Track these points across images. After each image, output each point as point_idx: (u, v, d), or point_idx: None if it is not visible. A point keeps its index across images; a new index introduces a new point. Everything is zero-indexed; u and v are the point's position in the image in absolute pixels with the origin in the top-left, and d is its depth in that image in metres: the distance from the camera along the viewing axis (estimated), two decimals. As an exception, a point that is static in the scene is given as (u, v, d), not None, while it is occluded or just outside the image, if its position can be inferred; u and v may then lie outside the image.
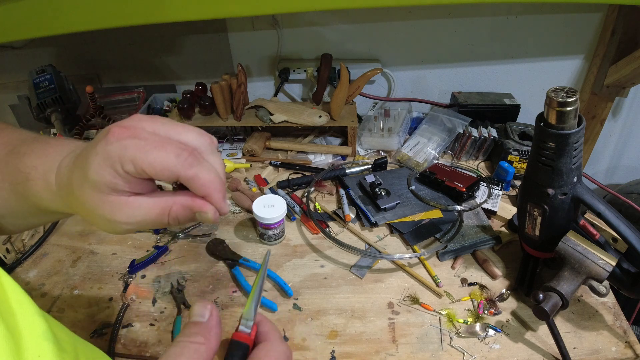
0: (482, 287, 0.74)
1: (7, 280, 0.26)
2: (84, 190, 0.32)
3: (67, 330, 0.32)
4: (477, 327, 0.67)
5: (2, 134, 0.41)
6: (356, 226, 0.87)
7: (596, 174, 1.44)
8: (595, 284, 0.65)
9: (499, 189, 0.93)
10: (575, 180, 0.61)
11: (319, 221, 0.85)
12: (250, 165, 1.05)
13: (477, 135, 1.03)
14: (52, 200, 0.36)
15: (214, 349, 0.31)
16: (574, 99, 0.53)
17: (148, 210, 0.33)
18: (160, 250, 0.80)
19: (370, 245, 0.82)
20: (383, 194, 0.88)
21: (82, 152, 0.33)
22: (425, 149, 1.03)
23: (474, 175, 0.94)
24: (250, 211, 0.84)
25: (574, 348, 0.64)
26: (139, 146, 0.30)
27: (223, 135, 1.16)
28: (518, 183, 0.96)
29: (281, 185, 0.97)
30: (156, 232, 0.85)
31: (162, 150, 0.31)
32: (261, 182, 0.99)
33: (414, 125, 1.13)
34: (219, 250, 0.80)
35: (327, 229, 0.86)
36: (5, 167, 0.37)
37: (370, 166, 1.00)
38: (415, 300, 0.71)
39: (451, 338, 0.66)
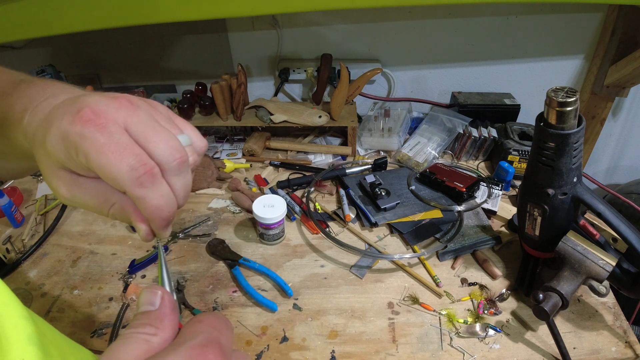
0: (482, 287, 0.73)
1: None
2: (40, 151, 0.31)
3: (58, 333, 0.31)
4: (477, 327, 0.67)
5: None
6: (356, 226, 0.87)
7: (596, 174, 1.44)
8: (595, 284, 0.65)
9: (499, 189, 0.93)
10: (575, 180, 0.61)
11: (319, 221, 0.85)
12: (250, 165, 1.05)
13: (477, 135, 1.03)
14: (24, 140, 0.34)
15: (169, 340, 0.27)
16: (574, 99, 0.53)
17: (91, 197, 0.31)
18: (160, 250, 0.80)
19: (370, 245, 0.82)
20: (383, 194, 0.88)
21: (54, 110, 0.30)
22: (425, 149, 1.03)
23: (474, 175, 0.94)
24: (250, 211, 0.84)
25: (574, 348, 0.64)
26: (97, 143, 0.28)
27: (223, 135, 1.16)
28: (518, 183, 0.96)
29: (281, 185, 0.97)
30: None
31: (117, 159, 0.28)
32: (261, 182, 0.99)
33: (414, 125, 1.13)
34: (219, 250, 0.80)
35: (327, 229, 0.86)
36: None
37: (370, 166, 1.00)
38: (415, 300, 0.71)
39: (451, 338, 0.66)
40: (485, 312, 0.69)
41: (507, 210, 0.88)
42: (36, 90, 0.34)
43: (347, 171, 0.99)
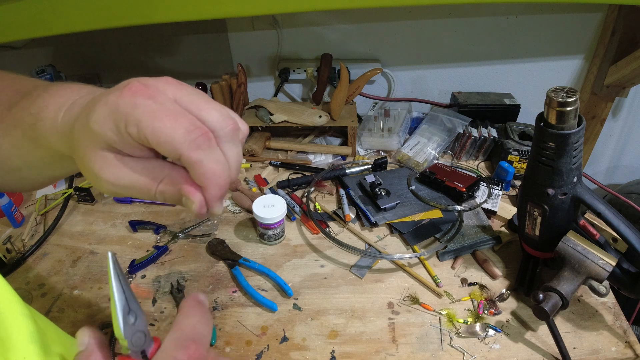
0: (482, 287, 0.73)
1: None
2: (81, 136, 0.30)
3: (60, 331, 0.31)
4: (477, 327, 0.67)
5: (16, 81, 0.39)
6: (356, 226, 0.87)
7: (596, 174, 1.44)
8: (595, 284, 0.65)
9: (499, 189, 0.93)
10: (575, 180, 0.61)
11: (319, 221, 0.85)
12: (250, 165, 1.05)
13: (477, 135, 1.03)
14: (58, 140, 0.33)
15: None
16: (574, 99, 0.53)
17: (137, 177, 0.30)
18: (160, 250, 0.80)
19: (370, 245, 0.82)
20: (383, 194, 0.88)
21: (97, 96, 0.30)
22: (425, 149, 1.03)
23: (474, 175, 0.94)
24: (250, 211, 0.84)
25: (574, 348, 0.64)
26: (150, 109, 0.27)
27: (223, 135, 1.16)
28: (518, 183, 0.96)
29: (281, 185, 0.97)
30: (156, 232, 0.85)
31: (172, 121, 0.27)
32: (261, 182, 0.99)
33: (414, 125, 1.13)
34: (219, 250, 0.80)
35: (327, 229, 0.86)
36: (18, 113, 0.35)
37: (370, 166, 1.00)
38: (415, 300, 0.71)
39: (451, 338, 0.66)
40: (485, 312, 0.69)
41: (507, 210, 0.88)
42: (71, 90, 0.34)
43: (347, 171, 0.99)
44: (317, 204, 0.92)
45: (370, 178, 0.93)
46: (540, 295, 0.60)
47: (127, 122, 0.27)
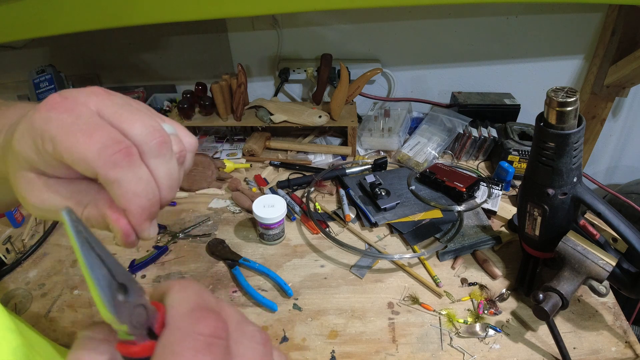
0: (482, 287, 0.73)
1: None
2: (8, 156, 0.27)
3: (48, 343, 0.30)
4: (477, 327, 0.67)
5: None
6: (356, 226, 0.87)
7: (596, 174, 1.44)
8: (595, 284, 0.65)
9: (499, 189, 0.93)
10: (575, 180, 0.61)
11: (319, 221, 0.85)
12: (250, 165, 1.05)
13: (477, 135, 1.03)
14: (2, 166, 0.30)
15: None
16: (574, 99, 0.53)
17: (61, 201, 0.27)
18: (160, 251, 0.80)
19: (370, 245, 0.82)
20: (383, 194, 0.88)
21: (27, 114, 0.27)
22: (425, 149, 1.03)
23: (474, 175, 0.94)
24: (250, 211, 0.84)
25: (574, 348, 0.64)
26: (65, 125, 0.24)
27: (223, 135, 1.16)
28: (518, 183, 0.96)
29: (281, 185, 0.97)
30: (156, 232, 0.85)
31: (86, 136, 0.24)
32: (261, 182, 0.99)
33: (414, 125, 1.13)
34: (219, 250, 0.80)
35: (327, 229, 0.86)
36: None
37: (370, 166, 1.00)
38: (415, 300, 0.71)
39: (451, 338, 0.66)
40: (485, 312, 0.69)
41: (507, 210, 0.88)
42: (14, 111, 0.31)
43: (347, 171, 0.99)
44: (317, 204, 0.92)
45: (370, 178, 0.93)
46: (540, 295, 0.60)
47: (42, 138, 0.25)
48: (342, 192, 0.93)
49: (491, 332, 0.66)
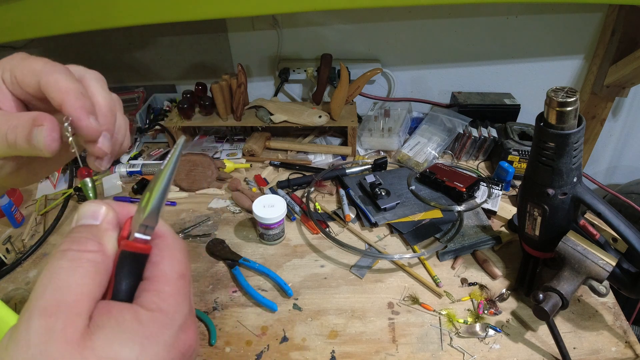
0: (482, 287, 0.73)
1: None
2: None
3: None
4: (477, 327, 0.67)
5: None
6: (356, 226, 0.87)
7: (596, 174, 1.44)
8: (595, 284, 0.65)
9: (499, 189, 0.93)
10: (575, 180, 0.61)
11: (319, 221, 0.85)
12: (250, 165, 1.05)
13: (477, 135, 1.03)
14: None
15: (112, 258, 0.24)
16: (574, 99, 0.53)
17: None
18: (160, 250, 0.80)
19: (370, 245, 0.82)
20: (383, 194, 0.88)
21: None
22: (425, 149, 1.03)
23: (474, 175, 0.94)
24: (250, 211, 0.84)
25: (574, 348, 0.64)
26: (23, 57, 0.30)
27: (223, 135, 1.16)
28: (518, 183, 0.96)
29: (281, 185, 0.97)
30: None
31: (37, 60, 0.29)
32: (261, 182, 0.99)
33: (414, 125, 1.13)
34: (218, 250, 0.80)
35: (327, 229, 0.86)
36: None
37: (370, 166, 1.00)
38: (415, 300, 0.71)
39: (451, 338, 0.66)
40: (485, 312, 0.69)
41: (507, 210, 0.88)
42: None
43: (347, 171, 0.99)
44: (317, 204, 0.92)
45: (370, 178, 0.93)
46: (540, 295, 0.60)
47: (4, 69, 0.29)
48: (342, 192, 0.93)
49: (491, 332, 0.66)
